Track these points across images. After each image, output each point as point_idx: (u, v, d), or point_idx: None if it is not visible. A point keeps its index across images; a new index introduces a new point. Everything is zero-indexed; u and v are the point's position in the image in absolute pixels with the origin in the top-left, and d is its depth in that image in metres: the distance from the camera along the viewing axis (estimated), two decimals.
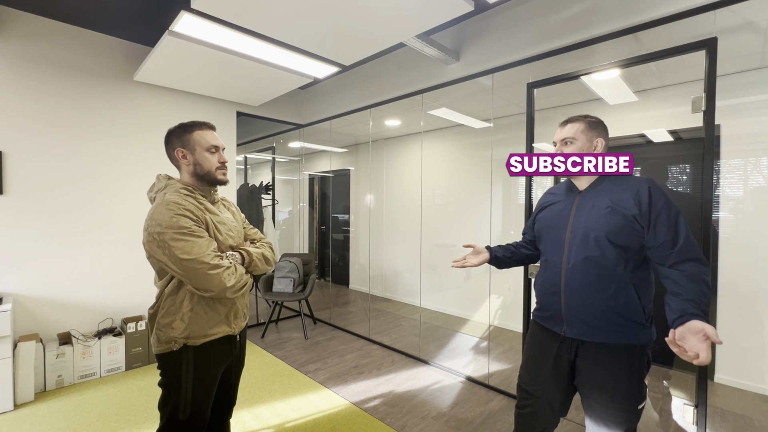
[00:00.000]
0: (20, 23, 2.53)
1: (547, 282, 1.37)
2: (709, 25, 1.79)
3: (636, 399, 1.23)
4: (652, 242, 1.19)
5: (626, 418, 1.23)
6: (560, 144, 1.36)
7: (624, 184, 1.27)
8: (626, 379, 1.22)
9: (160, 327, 1.25)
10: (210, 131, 1.37)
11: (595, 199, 1.30)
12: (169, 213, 1.18)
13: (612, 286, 1.22)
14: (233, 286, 1.23)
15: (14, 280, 2.52)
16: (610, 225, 1.22)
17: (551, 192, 1.50)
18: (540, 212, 1.48)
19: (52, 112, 2.66)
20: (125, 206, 2.97)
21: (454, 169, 4.34)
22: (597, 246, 1.24)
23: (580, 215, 1.31)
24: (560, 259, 1.32)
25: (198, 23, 2.06)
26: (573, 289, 1.28)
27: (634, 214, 1.20)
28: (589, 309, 1.25)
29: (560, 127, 1.38)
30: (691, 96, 1.79)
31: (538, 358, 1.40)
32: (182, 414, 1.23)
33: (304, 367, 2.92)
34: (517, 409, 1.44)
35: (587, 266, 1.25)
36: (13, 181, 2.51)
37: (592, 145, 1.32)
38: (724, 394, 2.40)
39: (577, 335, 1.28)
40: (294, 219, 6.14)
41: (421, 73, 3.03)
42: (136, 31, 2.87)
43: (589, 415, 1.30)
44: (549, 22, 2.25)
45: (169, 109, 3.22)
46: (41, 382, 2.46)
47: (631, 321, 1.22)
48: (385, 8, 1.89)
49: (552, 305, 1.35)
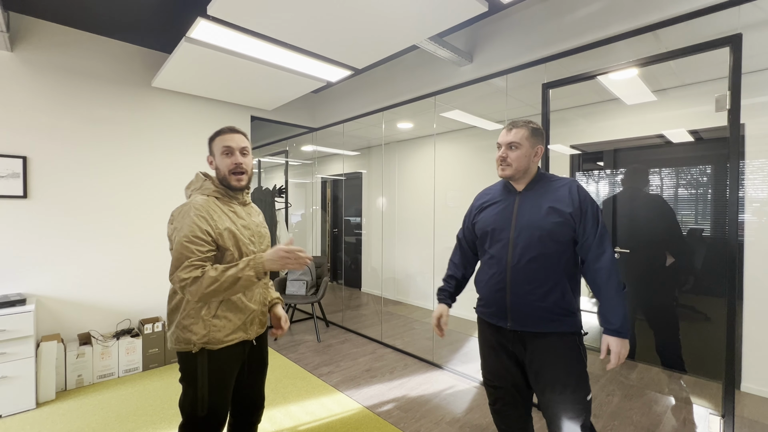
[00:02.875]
0: (44, 33, 2.62)
1: (493, 279, 1.43)
2: (732, 21, 1.74)
3: (584, 391, 1.32)
4: (581, 237, 1.33)
5: (578, 410, 1.30)
6: (505, 147, 1.42)
7: (556, 185, 1.39)
8: (573, 367, 1.32)
9: (181, 327, 1.27)
10: (229, 134, 1.35)
11: (535, 199, 1.39)
12: (188, 216, 1.24)
13: (551, 279, 1.33)
14: (205, 293, 1.18)
15: (37, 281, 2.59)
16: (551, 224, 1.32)
17: (487, 192, 1.57)
18: (480, 213, 1.53)
19: (74, 119, 2.74)
20: (144, 210, 3.04)
21: (467, 172, 4.31)
22: (540, 243, 1.33)
23: (522, 215, 1.39)
24: (505, 257, 1.39)
25: (214, 29, 2.10)
26: (518, 285, 1.36)
27: (570, 211, 1.32)
28: (532, 302, 1.34)
29: (506, 130, 1.44)
30: (714, 94, 1.73)
31: (491, 352, 1.48)
32: (200, 410, 1.27)
33: (317, 369, 2.92)
34: (491, 407, 1.52)
35: (531, 263, 1.34)
36: (37, 186, 2.59)
37: (533, 151, 1.41)
38: (752, 404, 2.30)
39: (520, 327, 1.37)
40: (307, 222, 6.18)
41: (433, 75, 3.02)
42: (154, 39, 2.93)
43: (546, 413, 1.36)
44: (564, 21, 2.22)
45: (186, 114, 3.28)
46: (62, 382, 2.52)
47: (567, 311, 1.33)
48: (398, 11, 1.89)
49: (497, 301, 1.42)
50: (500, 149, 1.44)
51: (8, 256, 2.48)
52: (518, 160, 1.39)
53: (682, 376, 2.68)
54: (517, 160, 1.39)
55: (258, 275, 1.21)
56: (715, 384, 2.58)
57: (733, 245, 1.67)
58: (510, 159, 1.40)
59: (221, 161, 1.34)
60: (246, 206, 1.45)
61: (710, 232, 2.69)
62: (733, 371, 1.69)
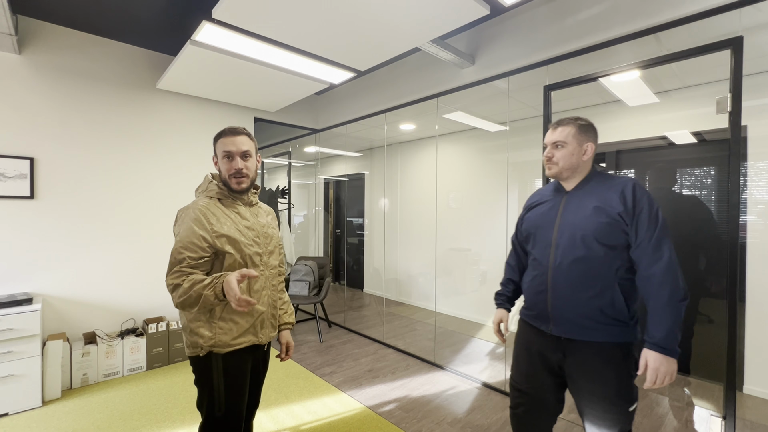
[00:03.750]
0: (51, 36, 2.65)
1: (535, 281, 1.38)
2: (733, 23, 1.74)
3: (627, 401, 1.24)
4: (633, 240, 1.22)
5: (618, 420, 1.23)
6: (551, 147, 1.37)
7: (609, 184, 1.29)
8: (614, 380, 1.23)
9: (188, 330, 1.29)
10: (230, 137, 1.34)
11: (581, 199, 1.32)
12: (186, 221, 1.26)
13: (598, 284, 1.24)
14: (178, 303, 1.20)
15: (43, 281, 2.62)
16: (596, 224, 1.24)
17: (538, 192, 1.52)
18: (527, 212, 1.50)
19: (80, 120, 2.77)
20: (148, 210, 3.07)
21: (469, 173, 4.31)
22: (584, 245, 1.25)
23: (567, 215, 1.33)
24: (547, 259, 1.34)
25: (219, 32, 2.12)
26: (559, 288, 1.30)
27: (620, 211, 1.22)
28: (575, 307, 1.27)
29: (551, 129, 1.38)
30: (716, 96, 1.74)
31: (527, 356, 1.42)
32: (218, 410, 1.28)
33: (320, 370, 2.93)
34: (512, 410, 1.46)
35: (574, 265, 1.27)
36: (44, 186, 2.63)
37: (582, 149, 1.33)
38: (754, 406, 2.30)
39: (562, 333, 1.30)
40: (309, 223, 6.20)
41: (436, 77, 3.04)
42: (159, 42, 2.97)
43: (585, 419, 1.32)
44: (566, 23, 2.23)
45: (190, 115, 3.31)
46: (67, 380, 2.55)
47: (616, 320, 1.23)
48: (400, 14, 1.91)
49: (539, 304, 1.37)
50: (546, 149, 1.39)
51: (15, 256, 2.52)
52: (564, 158, 1.33)
53: (686, 378, 2.68)
54: (563, 158, 1.33)
55: (217, 296, 1.16)
56: (717, 386, 2.57)
57: (735, 247, 1.68)
58: (556, 158, 1.34)
59: (222, 165, 1.35)
60: (253, 206, 1.44)
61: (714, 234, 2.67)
62: (734, 373, 1.69)
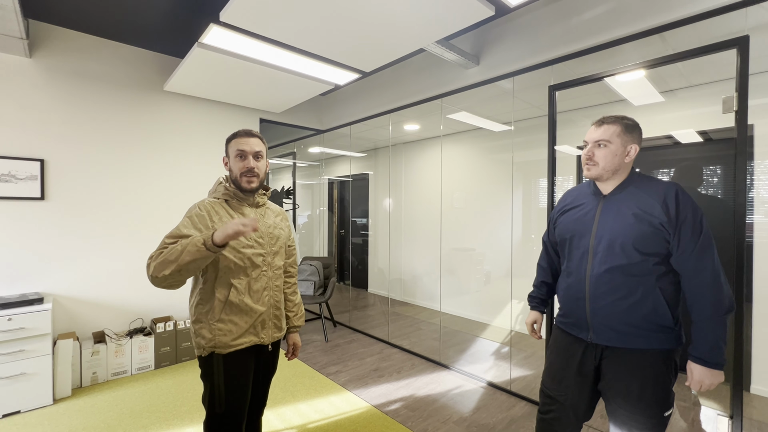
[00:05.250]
0: (60, 39, 2.69)
1: (571, 289, 1.33)
2: (739, 22, 1.74)
3: (662, 406, 1.19)
4: (675, 249, 1.17)
5: (651, 425, 1.19)
6: (593, 145, 1.28)
7: (650, 189, 1.22)
8: (652, 384, 1.19)
9: (192, 332, 1.35)
10: (245, 138, 1.38)
11: (620, 204, 1.24)
12: (189, 213, 1.31)
13: (639, 291, 1.19)
14: (152, 275, 1.17)
15: (54, 281, 2.66)
16: (636, 232, 1.18)
17: (572, 193, 1.44)
18: (561, 216, 1.43)
19: (89, 123, 2.81)
20: (155, 211, 3.10)
21: (473, 173, 4.32)
22: (623, 253, 1.20)
23: (605, 221, 1.26)
24: (585, 266, 1.29)
25: (226, 35, 2.15)
26: (599, 297, 1.25)
27: (662, 221, 1.16)
28: (617, 316, 1.22)
29: (594, 126, 1.30)
30: (722, 95, 1.74)
31: (562, 363, 1.37)
32: (218, 407, 1.32)
33: (325, 369, 2.95)
34: (540, 415, 1.42)
35: (613, 274, 1.22)
36: (54, 188, 2.66)
37: (625, 150, 1.25)
38: (761, 406, 2.29)
39: (604, 342, 1.26)
40: (314, 223, 6.23)
41: (440, 78, 3.05)
42: (166, 44, 3.00)
43: (613, 421, 1.27)
44: (571, 23, 2.23)
45: (196, 117, 3.34)
46: (77, 379, 2.59)
47: (660, 326, 1.19)
48: (405, 16, 1.92)
49: (576, 312, 1.32)
50: (586, 147, 1.30)
51: (26, 256, 2.56)
52: (606, 159, 1.24)
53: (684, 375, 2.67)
54: (604, 159, 1.24)
55: (206, 242, 1.12)
56: (724, 385, 2.55)
57: (741, 246, 1.67)
58: (597, 158, 1.26)
59: (234, 163, 1.38)
60: (260, 207, 1.46)
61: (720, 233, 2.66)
62: (741, 372, 1.69)
